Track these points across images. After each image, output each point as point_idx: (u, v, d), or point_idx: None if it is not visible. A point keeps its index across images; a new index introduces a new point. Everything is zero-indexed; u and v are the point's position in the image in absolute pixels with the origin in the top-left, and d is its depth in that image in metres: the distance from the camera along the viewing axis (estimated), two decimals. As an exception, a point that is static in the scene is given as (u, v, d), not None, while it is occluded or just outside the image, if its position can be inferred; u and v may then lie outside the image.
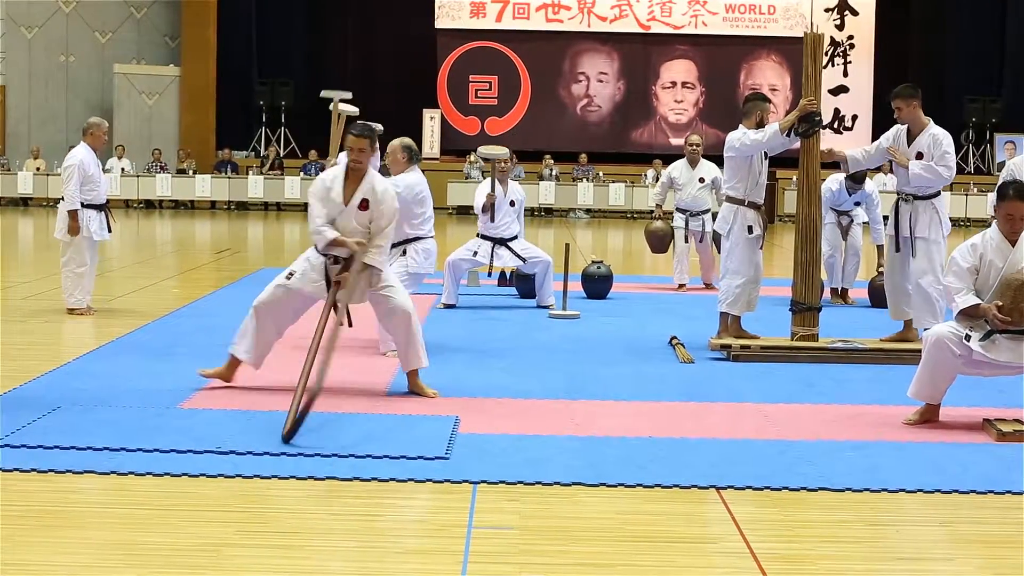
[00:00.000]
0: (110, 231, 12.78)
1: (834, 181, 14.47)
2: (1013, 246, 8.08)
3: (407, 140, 11.01)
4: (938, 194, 10.77)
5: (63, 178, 12.66)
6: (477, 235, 13.71)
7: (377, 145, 9.19)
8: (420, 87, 34.39)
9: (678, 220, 15.60)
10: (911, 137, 10.71)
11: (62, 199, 12.63)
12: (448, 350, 10.50)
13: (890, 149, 10.89)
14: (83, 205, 12.51)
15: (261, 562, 5.38)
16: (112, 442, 7.09)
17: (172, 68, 34.88)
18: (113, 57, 34.62)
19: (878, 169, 17.08)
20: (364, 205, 8.71)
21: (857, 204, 14.46)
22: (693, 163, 15.56)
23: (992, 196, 15.18)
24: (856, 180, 14.37)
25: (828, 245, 14.40)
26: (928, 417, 8.18)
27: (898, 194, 10.85)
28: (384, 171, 10.36)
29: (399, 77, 34.31)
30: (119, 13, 35.00)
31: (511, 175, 14.11)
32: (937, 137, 10.59)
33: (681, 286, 15.51)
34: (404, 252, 10.73)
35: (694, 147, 15.63)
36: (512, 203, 13.70)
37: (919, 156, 10.58)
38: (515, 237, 13.69)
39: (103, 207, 12.76)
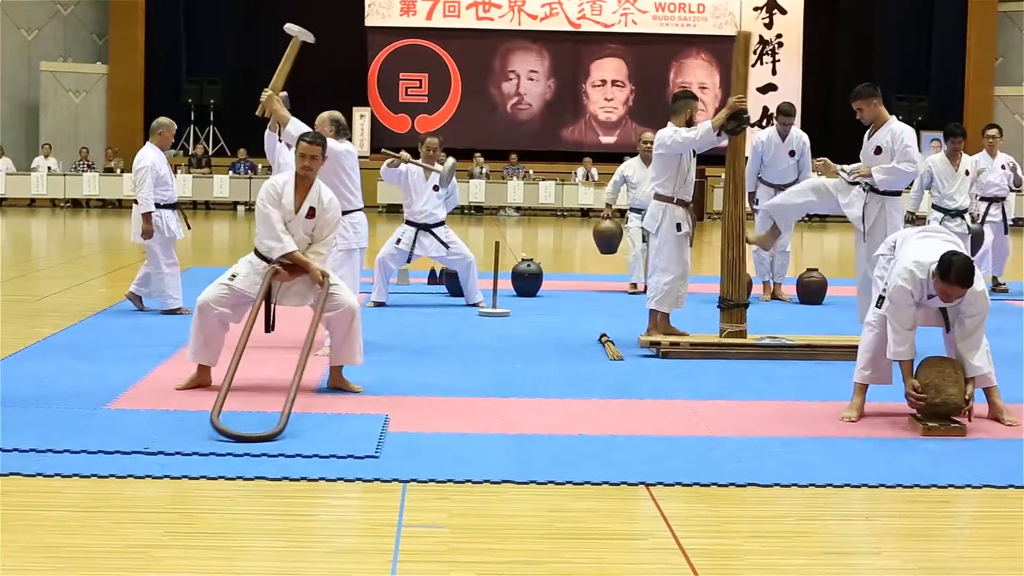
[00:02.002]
0: (189, 227, 13.02)
1: (763, 133, 14.61)
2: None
3: (335, 113, 11.01)
4: (897, 193, 10.79)
5: (136, 181, 12.73)
6: (404, 222, 13.62)
7: (327, 155, 9.20)
8: (350, 85, 34.30)
9: (633, 219, 15.09)
10: (871, 133, 10.77)
11: (135, 202, 12.74)
12: (378, 348, 10.48)
13: (816, 163, 11.04)
14: (157, 206, 12.59)
15: (190, 563, 5.34)
16: (38, 443, 7.02)
17: (99, 66, 34.61)
18: (39, 55, 34.30)
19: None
20: (311, 213, 8.77)
21: (792, 154, 14.42)
22: (647, 161, 14.74)
23: (913, 192, 15.47)
24: (786, 114, 14.59)
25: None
26: (862, 411, 8.25)
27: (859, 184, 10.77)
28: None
29: (329, 75, 34.12)
30: (46, 10, 34.68)
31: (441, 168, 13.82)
32: (896, 132, 10.55)
33: (634, 286, 15.01)
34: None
35: (648, 145, 14.62)
36: (436, 188, 13.57)
37: (878, 151, 10.57)
38: (441, 223, 13.59)
39: (176, 206, 12.89)
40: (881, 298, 8.22)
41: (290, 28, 11.26)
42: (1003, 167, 16.08)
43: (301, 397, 8.55)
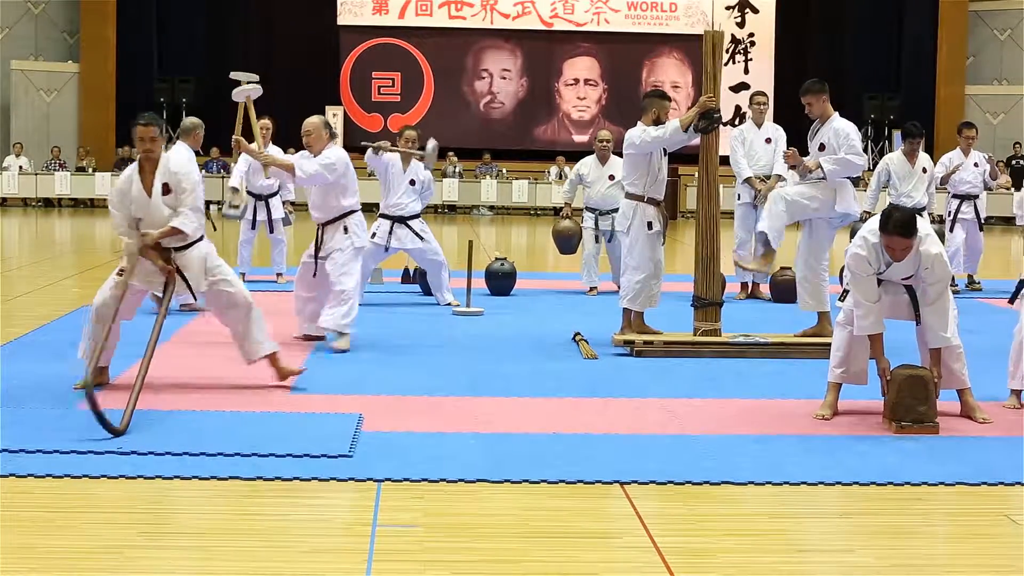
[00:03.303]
0: (215, 229, 13.04)
1: (738, 131, 14.69)
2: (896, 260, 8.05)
3: (325, 118, 11.05)
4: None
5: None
6: (379, 216, 13.56)
7: (165, 133, 9.14)
8: (322, 84, 34.27)
9: (587, 219, 14.90)
10: (816, 129, 10.81)
11: None
12: (351, 347, 10.47)
13: (785, 154, 11.08)
14: None
15: (164, 564, 5.33)
16: (11, 444, 6.99)
17: (71, 65, 34.49)
18: (10, 53, 34.16)
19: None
20: (166, 189, 8.65)
21: (768, 141, 14.44)
22: (603, 160, 14.84)
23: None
24: (760, 94, 14.78)
25: (743, 230, 14.43)
26: (835, 409, 8.30)
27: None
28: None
29: (301, 74, 34.14)
30: (16, 8, 34.53)
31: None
32: (839, 129, 10.64)
33: (592, 289, 14.93)
34: (345, 229, 10.74)
35: (604, 143, 14.90)
36: (412, 182, 13.50)
37: (821, 147, 10.64)
38: (416, 216, 13.52)
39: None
40: (845, 291, 8.27)
41: (237, 76, 11.20)
42: (976, 164, 16.14)
43: (274, 397, 8.55)
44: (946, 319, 8.08)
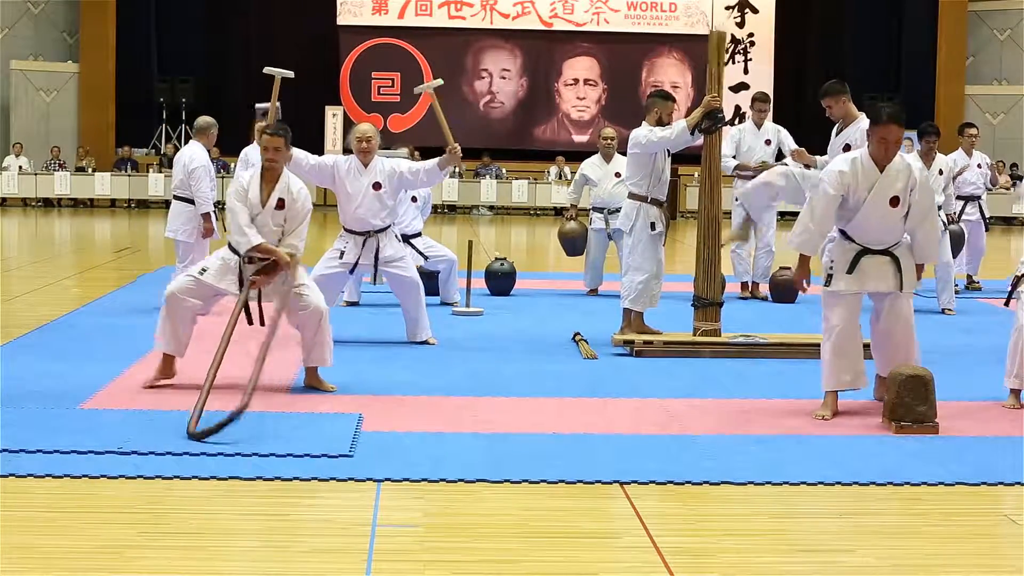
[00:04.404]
0: (227, 229, 13.10)
1: (737, 127, 14.63)
2: (882, 172, 8.17)
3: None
4: None
5: (192, 179, 12.73)
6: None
7: (291, 144, 9.19)
8: (322, 84, 34.24)
9: (595, 219, 14.70)
10: (839, 129, 10.78)
11: (175, 198, 12.87)
12: (351, 347, 10.47)
13: (792, 153, 11.04)
14: None
15: (164, 563, 5.33)
16: (11, 444, 6.99)
17: (70, 65, 34.48)
18: (10, 53, 34.15)
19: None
20: (280, 204, 8.77)
21: (768, 143, 14.40)
22: (607, 158, 14.62)
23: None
24: (761, 100, 14.67)
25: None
26: (835, 409, 8.34)
27: None
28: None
29: (301, 74, 33.80)
30: (15, 9, 34.53)
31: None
32: (865, 130, 10.59)
33: (592, 291, 14.81)
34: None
35: (608, 141, 14.68)
36: (414, 199, 13.50)
37: (846, 148, 10.56)
38: (418, 235, 13.49)
39: (216, 205, 12.99)
40: (829, 276, 8.41)
41: (271, 71, 11.24)
42: (979, 166, 16.11)
43: (275, 397, 8.55)
44: (936, 236, 8.52)
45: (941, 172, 14.34)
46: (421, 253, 13.36)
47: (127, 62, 34.32)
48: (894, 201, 8.17)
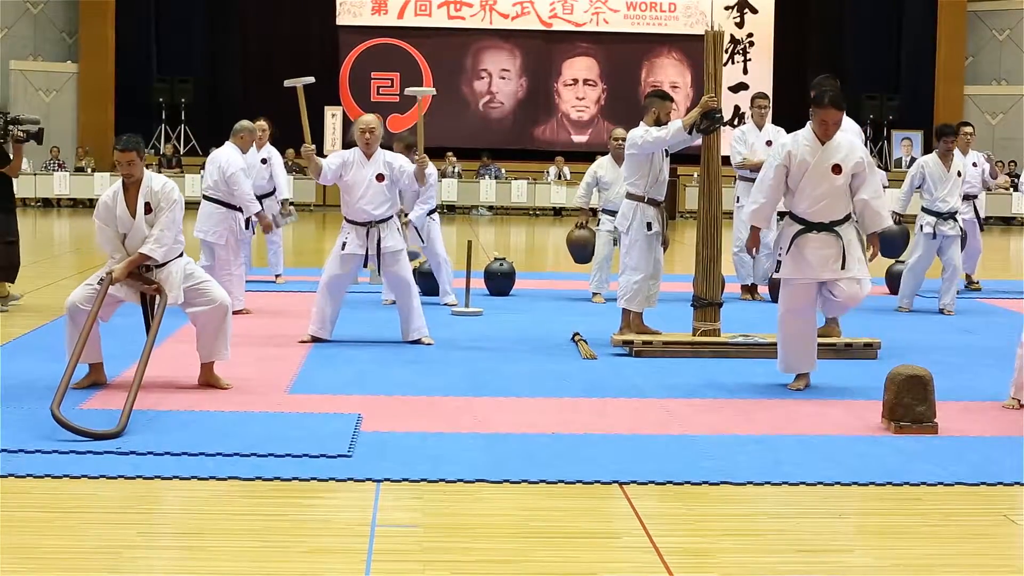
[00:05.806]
0: (254, 232, 13.25)
1: (739, 128, 14.61)
2: (823, 145, 8.89)
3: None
4: None
5: (231, 182, 12.74)
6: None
7: (145, 155, 9.11)
8: (321, 84, 33.94)
9: (605, 222, 14.18)
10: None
11: (206, 198, 12.96)
12: (350, 347, 10.47)
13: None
14: (229, 207, 12.74)
15: (163, 564, 5.33)
16: (10, 444, 6.99)
17: (70, 65, 34.46)
18: (9, 53, 34.13)
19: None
20: (148, 208, 8.73)
21: (769, 143, 14.28)
22: (619, 160, 13.83)
23: (895, 191, 15.34)
24: (762, 97, 14.64)
25: (744, 231, 14.28)
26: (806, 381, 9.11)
27: None
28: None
29: (300, 74, 34.05)
30: (15, 9, 34.50)
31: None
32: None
33: (596, 295, 14.32)
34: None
35: (619, 142, 13.85)
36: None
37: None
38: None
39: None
40: (779, 262, 9.09)
41: (292, 83, 11.23)
42: (975, 164, 16.07)
43: (274, 396, 8.55)
44: (881, 202, 9.02)
45: (959, 174, 13.98)
46: (420, 236, 13.33)
47: (126, 62, 34.30)
48: (836, 169, 8.84)
